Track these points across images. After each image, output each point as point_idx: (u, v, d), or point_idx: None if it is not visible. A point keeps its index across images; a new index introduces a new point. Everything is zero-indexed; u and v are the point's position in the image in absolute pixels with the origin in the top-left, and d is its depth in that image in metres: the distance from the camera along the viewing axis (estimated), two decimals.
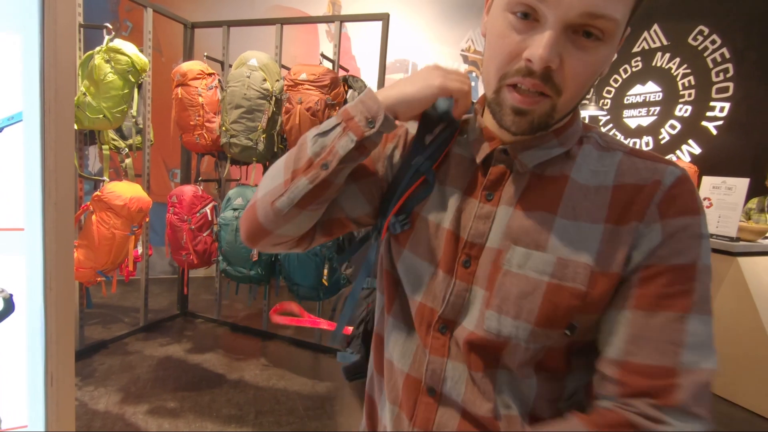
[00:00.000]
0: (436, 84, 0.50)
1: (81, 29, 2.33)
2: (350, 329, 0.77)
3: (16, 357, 0.84)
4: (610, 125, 4.84)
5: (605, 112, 4.85)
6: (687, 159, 4.11)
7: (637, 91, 4.59)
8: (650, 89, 4.47)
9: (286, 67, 2.72)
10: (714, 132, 3.95)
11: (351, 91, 2.51)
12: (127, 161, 2.52)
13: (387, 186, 0.59)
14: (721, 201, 2.55)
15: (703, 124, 4.02)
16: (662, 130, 4.35)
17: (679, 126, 4.22)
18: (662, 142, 4.34)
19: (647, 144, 4.46)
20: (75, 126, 2.11)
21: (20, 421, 0.86)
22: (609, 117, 4.86)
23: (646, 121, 4.50)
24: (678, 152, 4.19)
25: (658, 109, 4.40)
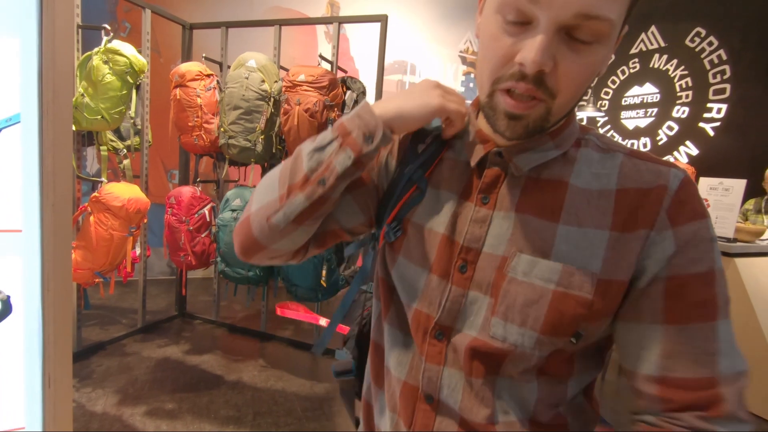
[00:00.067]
0: (434, 104, 0.50)
1: (79, 30, 2.32)
2: (347, 329, 0.77)
3: (13, 358, 0.84)
4: (608, 126, 4.85)
5: (603, 114, 4.87)
6: (684, 160, 4.12)
7: (634, 92, 4.61)
8: (648, 90, 4.49)
9: (285, 69, 2.71)
10: (711, 133, 3.96)
11: (349, 92, 2.51)
12: (125, 162, 2.51)
13: (383, 193, 0.58)
14: (719, 202, 2.56)
15: (701, 125, 4.03)
16: (660, 132, 4.36)
17: (676, 127, 4.23)
18: (660, 143, 4.35)
19: (645, 145, 4.48)
20: (73, 127, 2.12)
21: (17, 422, 0.86)
22: (607, 118, 4.88)
23: (643, 123, 4.52)
24: (675, 153, 4.21)
25: (655, 110, 4.42)
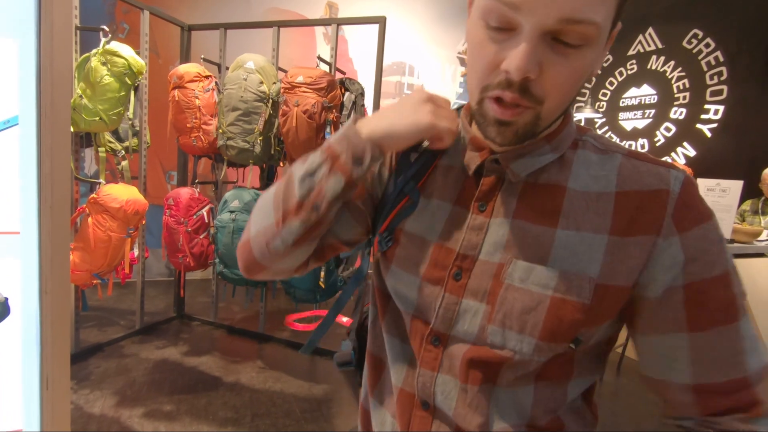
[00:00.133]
0: (424, 122, 0.48)
1: (77, 32, 2.32)
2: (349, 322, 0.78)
3: (11, 360, 0.84)
4: (606, 128, 4.87)
5: (601, 115, 4.88)
6: (682, 161, 4.14)
7: (632, 93, 4.63)
8: (645, 92, 4.51)
9: (283, 70, 2.72)
10: (708, 134, 3.98)
11: (348, 93, 2.52)
12: (124, 163, 2.51)
13: (378, 201, 0.59)
14: (716, 203, 2.57)
15: (698, 126, 4.05)
16: (657, 133, 4.38)
17: (674, 128, 4.25)
18: (657, 144, 4.37)
19: (642, 146, 4.49)
20: (71, 128, 2.11)
21: (15, 424, 0.86)
22: (605, 119, 4.89)
23: (641, 124, 4.53)
24: (673, 154, 4.22)
25: (653, 111, 4.43)
